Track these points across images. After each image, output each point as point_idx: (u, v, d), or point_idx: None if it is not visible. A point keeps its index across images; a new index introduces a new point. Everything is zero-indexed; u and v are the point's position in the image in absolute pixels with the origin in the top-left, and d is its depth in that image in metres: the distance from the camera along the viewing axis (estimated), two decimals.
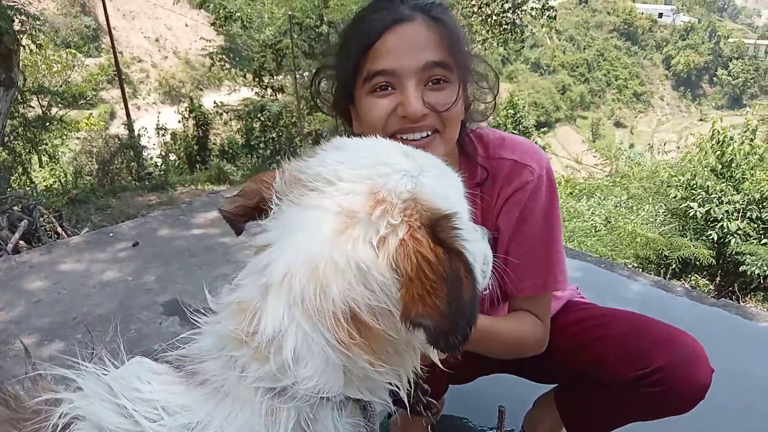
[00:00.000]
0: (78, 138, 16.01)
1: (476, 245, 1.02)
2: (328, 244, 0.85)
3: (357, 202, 0.87)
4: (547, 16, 20.86)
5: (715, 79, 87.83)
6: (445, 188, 0.96)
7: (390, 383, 0.93)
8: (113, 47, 17.45)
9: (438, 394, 2.07)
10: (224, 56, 19.40)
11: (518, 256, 1.60)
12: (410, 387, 0.96)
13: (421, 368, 1.24)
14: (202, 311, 0.96)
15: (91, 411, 0.84)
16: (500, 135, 1.66)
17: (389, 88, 1.40)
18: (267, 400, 0.85)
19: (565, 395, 1.93)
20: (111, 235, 4.64)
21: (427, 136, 1.42)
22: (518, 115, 31.77)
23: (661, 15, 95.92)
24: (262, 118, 17.07)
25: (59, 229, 7.28)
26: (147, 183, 9.81)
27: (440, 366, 1.03)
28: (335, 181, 0.91)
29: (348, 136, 1.13)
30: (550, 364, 1.74)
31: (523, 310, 1.65)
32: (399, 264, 0.82)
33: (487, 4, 19.17)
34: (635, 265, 8.05)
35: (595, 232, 9.77)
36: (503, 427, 2.19)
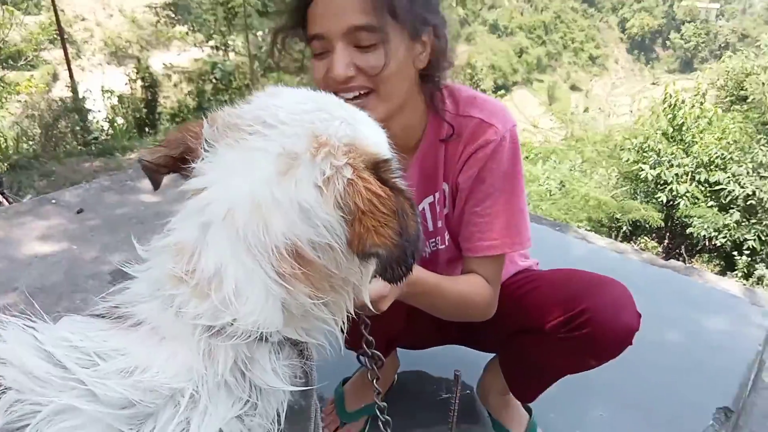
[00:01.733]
0: (19, 101, 15.23)
1: None
2: (271, 184, 0.86)
3: (299, 145, 0.88)
4: None
5: (668, 42, 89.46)
6: (377, 137, 1.00)
7: (326, 324, 0.95)
8: (54, 4, 16.32)
9: (393, 339, 2.03)
10: (170, 11, 18.61)
11: (472, 216, 1.60)
12: (344, 329, 0.99)
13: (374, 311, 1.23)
14: (133, 261, 0.93)
15: (14, 356, 0.77)
16: (473, 94, 1.64)
17: (326, 52, 1.43)
18: (205, 338, 0.83)
19: (506, 357, 1.96)
20: (54, 201, 4.42)
21: (360, 95, 1.42)
22: (476, 78, 31.84)
23: None
24: (213, 80, 16.50)
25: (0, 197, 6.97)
26: (93, 148, 9.34)
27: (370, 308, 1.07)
28: (276, 124, 0.91)
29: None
30: (499, 330, 1.78)
31: (474, 272, 1.64)
32: (348, 201, 0.85)
33: None
34: (588, 228, 8.24)
35: (550, 195, 9.93)
36: (458, 391, 2.19)
